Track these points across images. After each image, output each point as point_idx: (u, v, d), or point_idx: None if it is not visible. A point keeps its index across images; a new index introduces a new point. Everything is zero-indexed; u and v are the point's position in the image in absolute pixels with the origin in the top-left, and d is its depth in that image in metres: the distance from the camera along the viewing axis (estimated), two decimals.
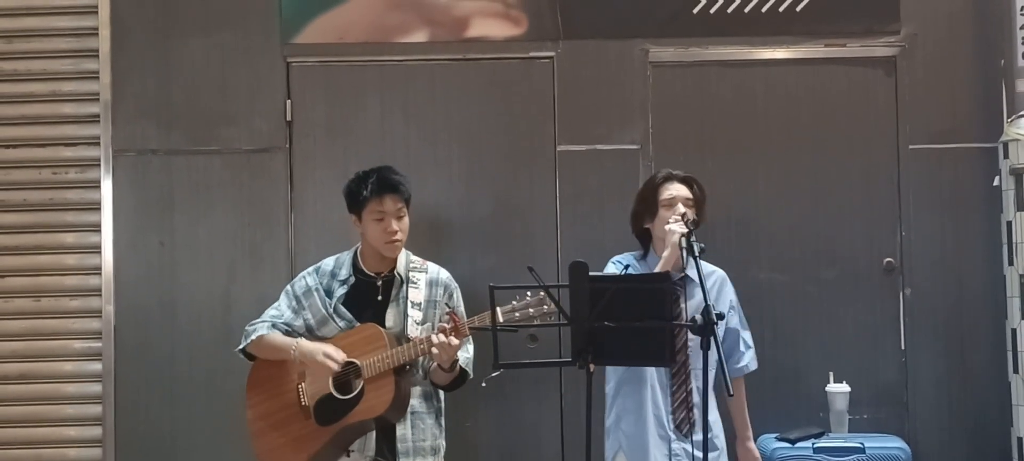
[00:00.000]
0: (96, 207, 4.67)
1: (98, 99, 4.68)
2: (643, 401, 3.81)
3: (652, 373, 3.78)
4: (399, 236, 3.85)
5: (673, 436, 3.79)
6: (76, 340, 4.67)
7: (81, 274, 4.68)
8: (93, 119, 4.68)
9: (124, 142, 4.66)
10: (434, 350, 3.66)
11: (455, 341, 3.66)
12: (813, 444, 4.33)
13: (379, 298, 3.87)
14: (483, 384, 3.69)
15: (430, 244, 4.54)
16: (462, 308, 3.95)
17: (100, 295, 4.64)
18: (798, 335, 4.65)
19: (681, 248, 3.62)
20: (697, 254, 3.38)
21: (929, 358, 4.62)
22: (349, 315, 3.86)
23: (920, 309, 4.63)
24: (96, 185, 4.67)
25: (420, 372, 3.86)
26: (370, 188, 3.82)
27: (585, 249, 4.47)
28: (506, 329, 3.41)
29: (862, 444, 4.31)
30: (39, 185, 4.71)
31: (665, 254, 3.76)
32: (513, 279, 3.72)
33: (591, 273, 3.22)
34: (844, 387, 4.46)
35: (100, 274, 4.65)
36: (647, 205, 3.93)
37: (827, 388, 4.48)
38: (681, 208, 3.81)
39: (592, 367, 3.15)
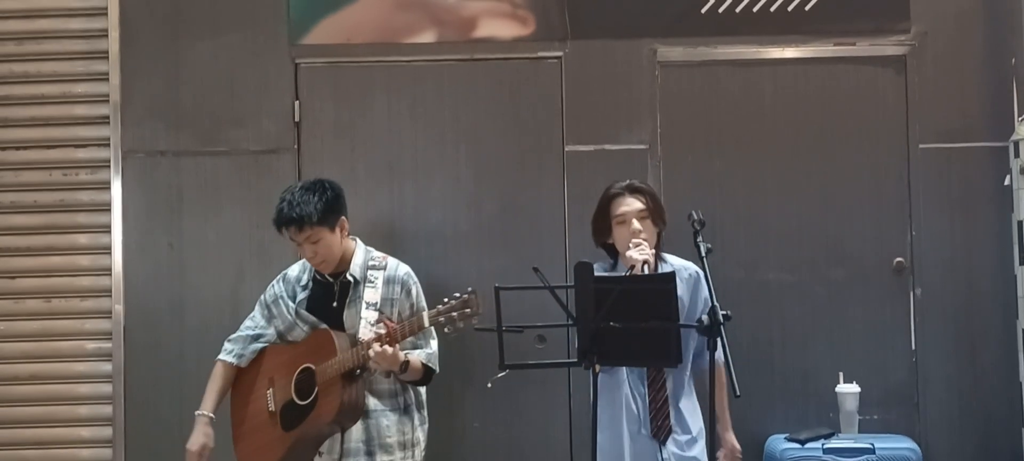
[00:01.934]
0: (106, 208, 4.69)
1: (108, 101, 4.70)
2: (619, 409, 3.75)
3: (626, 381, 3.73)
4: (318, 260, 3.84)
5: (649, 441, 3.73)
6: (87, 340, 4.69)
7: (91, 275, 4.70)
8: (103, 120, 4.70)
9: (133, 143, 4.68)
10: (372, 357, 3.64)
11: (390, 350, 3.63)
12: (823, 445, 4.32)
13: (334, 304, 3.86)
14: (489, 385, 3.68)
15: (437, 244, 4.55)
16: (423, 302, 3.89)
17: (110, 296, 4.66)
18: (807, 335, 4.63)
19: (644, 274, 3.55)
20: (704, 254, 3.35)
21: (939, 358, 4.60)
22: (313, 319, 3.86)
23: (930, 309, 4.60)
24: (106, 186, 4.69)
25: (376, 371, 3.80)
26: (273, 220, 3.82)
27: (593, 249, 4.43)
28: (511, 329, 3.37)
29: (872, 445, 4.30)
30: (50, 186, 4.73)
31: None
32: (521, 279, 3.70)
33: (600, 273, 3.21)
34: (854, 388, 4.45)
35: (110, 275, 4.67)
36: (601, 222, 3.81)
37: (837, 389, 4.47)
38: (635, 225, 3.72)
39: (598, 368, 3.14)
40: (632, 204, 3.75)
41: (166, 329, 4.64)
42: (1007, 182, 4.52)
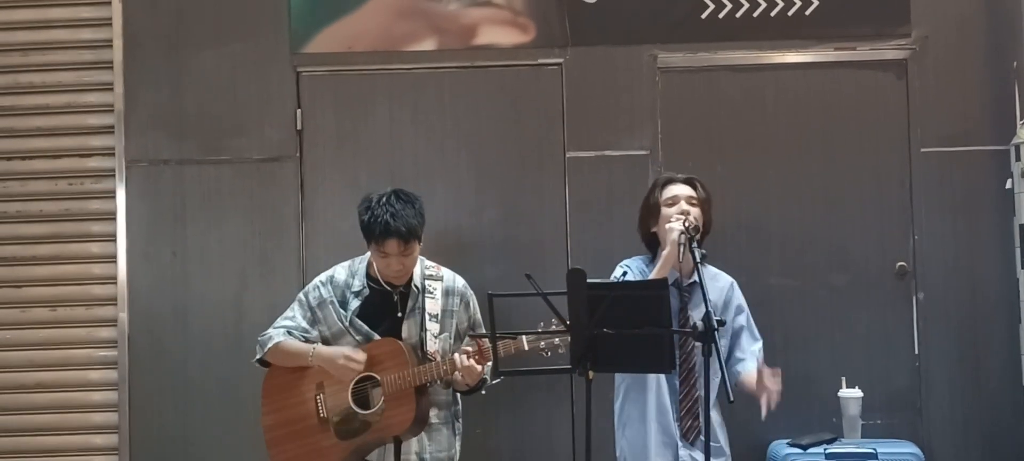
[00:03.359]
0: (111, 217, 4.72)
1: (112, 110, 4.73)
2: (645, 408, 3.81)
3: (656, 380, 3.76)
4: (403, 273, 3.82)
5: (680, 443, 3.77)
6: (91, 349, 4.72)
7: (96, 283, 4.73)
8: (107, 130, 4.74)
9: (137, 152, 4.71)
10: (458, 374, 3.67)
11: (478, 368, 3.67)
12: (825, 450, 4.31)
13: (399, 314, 3.85)
14: (482, 391, 3.70)
15: (440, 252, 4.52)
16: (479, 315, 3.96)
17: (115, 304, 4.69)
18: (810, 340, 4.62)
19: (680, 246, 3.59)
20: (698, 260, 3.36)
21: (943, 363, 4.59)
22: (366, 328, 3.84)
23: (933, 313, 4.59)
24: (111, 195, 4.72)
25: (440, 382, 3.84)
26: (376, 232, 3.75)
27: (594, 255, 4.48)
28: (505, 336, 3.41)
29: (875, 450, 4.28)
30: (55, 196, 4.76)
31: (664, 253, 3.73)
32: (522, 286, 3.71)
33: (593, 280, 3.22)
34: (856, 392, 4.43)
35: (115, 283, 4.70)
36: (650, 208, 3.91)
37: (839, 393, 4.45)
38: (684, 205, 3.78)
39: (591, 374, 3.14)
40: (684, 189, 3.85)
41: (170, 337, 4.67)
42: (1009, 185, 4.51)
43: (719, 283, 3.97)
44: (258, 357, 3.92)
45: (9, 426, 4.72)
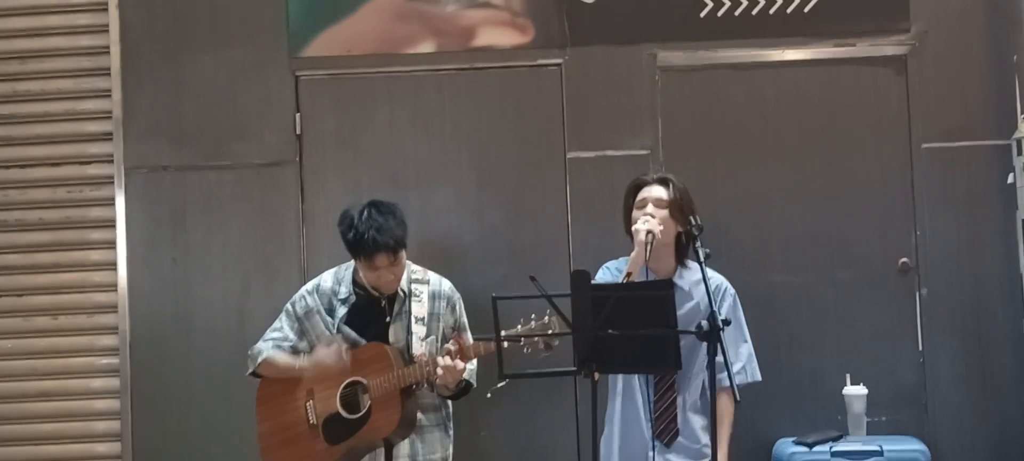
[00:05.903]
0: (111, 224, 4.71)
1: (111, 117, 4.72)
2: (613, 411, 3.79)
3: (627, 383, 3.74)
4: (394, 282, 3.81)
5: (654, 444, 3.73)
6: (93, 356, 4.71)
7: (97, 291, 4.72)
8: (106, 137, 4.72)
9: (136, 159, 4.70)
10: (439, 371, 3.66)
11: (461, 365, 3.66)
12: (830, 448, 4.30)
13: (387, 319, 3.85)
14: (488, 395, 3.69)
15: (441, 254, 4.54)
16: (465, 319, 3.95)
17: (116, 311, 4.68)
18: (814, 338, 4.61)
19: (647, 246, 3.56)
20: (702, 259, 3.34)
21: (947, 358, 4.57)
22: (354, 335, 3.84)
23: (937, 309, 4.58)
24: (110, 202, 4.71)
25: (425, 385, 3.84)
26: (365, 250, 3.72)
27: (596, 256, 4.43)
28: (510, 338, 3.39)
29: (880, 447, 4.28)
30: (55, 204, 4.75)
31: (632, 255, 3.69)
32: (524, 288, 3.68)
33: (597, 281, 3.20)
34: (861, 389, 4.43)
35: (116, 290, 4.69)
36: (625, 212, 3.87)
37: (844, 391, 4.45)
38: (650, 208, 3.73)
39: (597, 376, 3.13)
40: (653, 191, 3.78)
41: (172, 343, 4.66)
42: (1011, 180, 4.50)
43: (711, 287, 3.89)
44: (250, 371, 3.95)
45: (12, 435, 4.71)
